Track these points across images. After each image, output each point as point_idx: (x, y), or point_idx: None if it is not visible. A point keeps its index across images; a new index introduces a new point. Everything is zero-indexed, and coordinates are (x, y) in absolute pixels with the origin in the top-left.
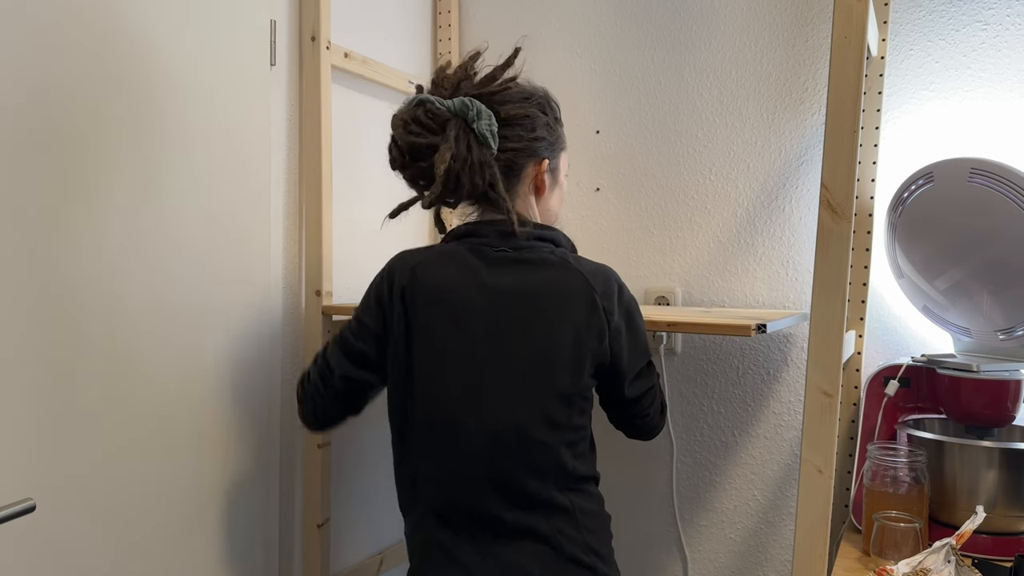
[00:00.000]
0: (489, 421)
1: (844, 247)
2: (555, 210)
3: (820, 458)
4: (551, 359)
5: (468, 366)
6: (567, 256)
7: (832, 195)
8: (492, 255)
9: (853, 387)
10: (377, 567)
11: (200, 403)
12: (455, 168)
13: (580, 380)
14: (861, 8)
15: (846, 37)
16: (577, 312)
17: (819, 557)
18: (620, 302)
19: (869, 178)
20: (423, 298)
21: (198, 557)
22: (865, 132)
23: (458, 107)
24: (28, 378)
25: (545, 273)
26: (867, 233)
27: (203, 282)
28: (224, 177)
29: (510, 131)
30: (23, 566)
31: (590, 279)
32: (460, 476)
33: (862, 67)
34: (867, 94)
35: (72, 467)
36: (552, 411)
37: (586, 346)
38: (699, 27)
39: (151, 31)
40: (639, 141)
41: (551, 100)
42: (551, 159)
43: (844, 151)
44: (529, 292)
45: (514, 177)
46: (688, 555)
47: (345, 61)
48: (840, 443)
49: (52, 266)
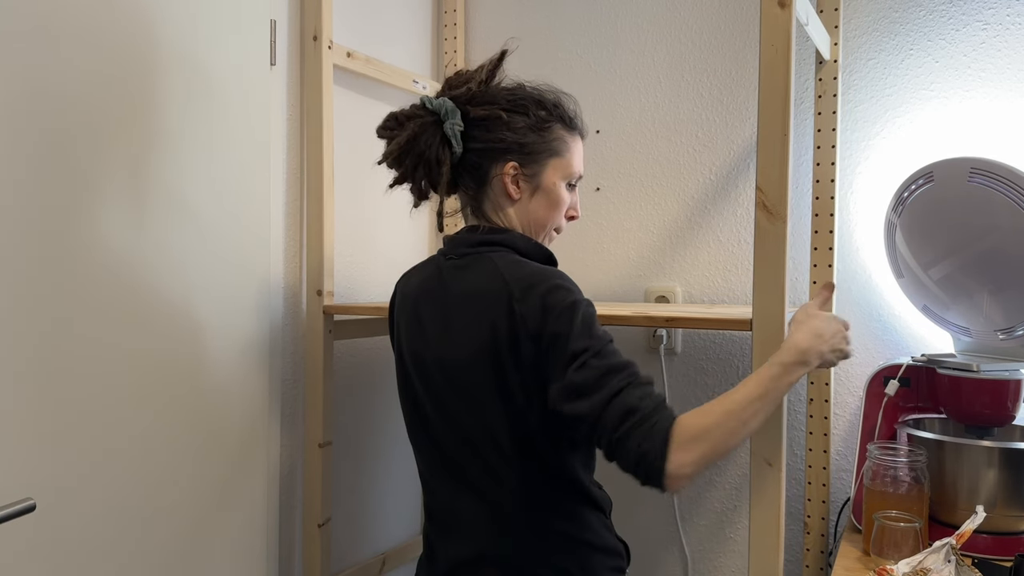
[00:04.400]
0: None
1: (780, 247)
2: (543, 218)
3: (769, 450)
4: (475, 365)
5: (426, 371)
6: (499, 260)
7: (767, 197)
8: (444, 263)
9: (824, 383)
10: (379, 567)
11: (200, 402)
12: (392, 151)
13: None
14: (786, 17)
15: (773, 46)
16: (492, 317)
17: (773, 549)
18: (539, 302)
19: (829, 178)
20: (398, 306)
21: (198, 557)
22: (822, 135)
23: (435, 106)
24: (28, 378)
25: (472, 280)
26: (829, 232)
27: (203, 282)
28: (224, 176)
29: (475, 132)
30: (23, 566)
31: (511, 283)
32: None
33: (789, 74)
34: (822, 97)
35: (72, 467)
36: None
37: (504, 353)
38: (699, 27)
39: (151, 31)
40: (639, 141)
41: (547, 102)
42: (522, 163)
43: (776, 155)
44: (456, 299)
45: (481, 179)
46: (688, 555)
47: (348, 61)
48: (824, 441)
49: (52, 266)
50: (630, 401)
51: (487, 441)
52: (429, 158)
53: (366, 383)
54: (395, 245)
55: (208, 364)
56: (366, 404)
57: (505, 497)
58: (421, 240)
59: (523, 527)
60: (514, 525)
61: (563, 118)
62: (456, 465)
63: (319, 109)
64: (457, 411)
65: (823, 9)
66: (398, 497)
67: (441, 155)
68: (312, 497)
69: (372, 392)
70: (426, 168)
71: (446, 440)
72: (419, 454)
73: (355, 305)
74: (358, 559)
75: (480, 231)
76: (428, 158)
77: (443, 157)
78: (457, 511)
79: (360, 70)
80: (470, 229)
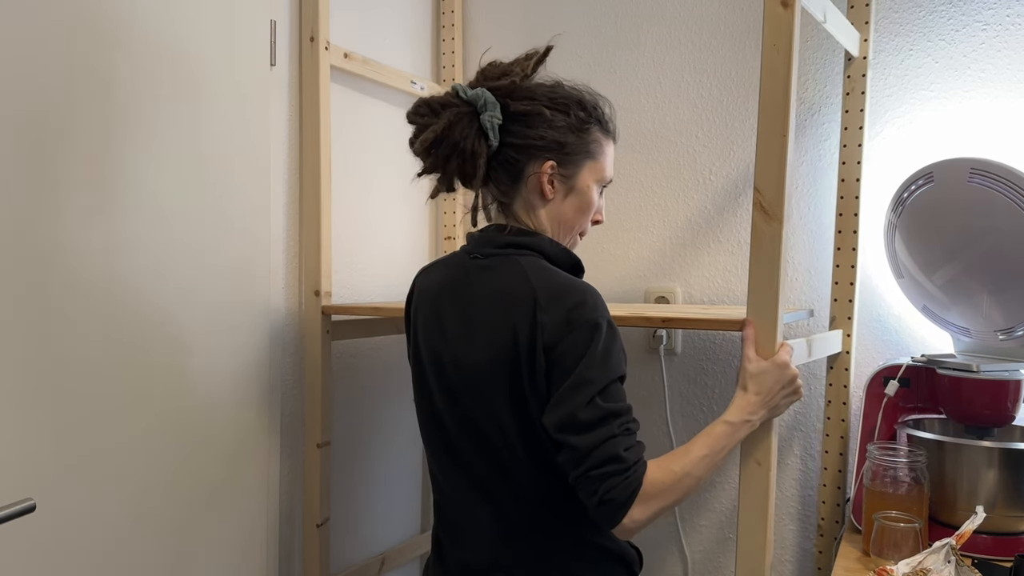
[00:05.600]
0: (465, 425)
1: (776, 248)
2: (572, 220)
3: (760, 451)
4: (492, 368)
5: (443, 370)
6: (527, 264)
7: (764, 197)
8: (469, 262)
9: (843, 386)
10: (379, 567)
11: (200, 402)
12: (428, 139)
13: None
14: (788, 17)
15: (775, 45)
16: (514, 321)
17: (759, 548)
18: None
19: (854, 178)
20: (416, 302)
21: (198, 556)
22: (848, 133)
23: (471, 96)
24: (28, 379)
25: (497, 282)
26: (853, 233)
27: (203, 282)
28: (224, 177)
29: (513, 127)
30: (23, 566)
31: (537, 290)
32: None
33: (791, 74)
34: (850, 95)
35: (72, 467)
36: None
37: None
38: (699, 27)
39: (151, 30)
40: (639, 141)
41: (587, 103)
42: (560, 163)
43: (775, 155)
44: (479, 300)
45: (516, 176)
46: (688, 555)
47: (345, 61)
48: (841, 444)
49: (52, 267)
50: (616, 450)
51: (501, 444)
52: (465, 149)
53: (365, 383)
54: (394, 245)
55: (208, 364)
56: (365, 404)
57: (518, 501)
58: (420, 240)
59: (535, 532)
60: (526, 530)
61: (601, 121)
62: (469, 467)
63: (316, 110)
64: (472, 413)
65: (854, 5)
66: (397, 497)
67: (477, 147)
68: (311, 497)
69: (371, 392)
70: (460, 159)
71: (460, 441)
72: (431, 454)
73: (353, 305)
74: (357, 559)
75: (508, 231)
76: (464, 149)
77: (479, 149)
78: (469, 513)
79: (357, 71)
80: (497, 228)
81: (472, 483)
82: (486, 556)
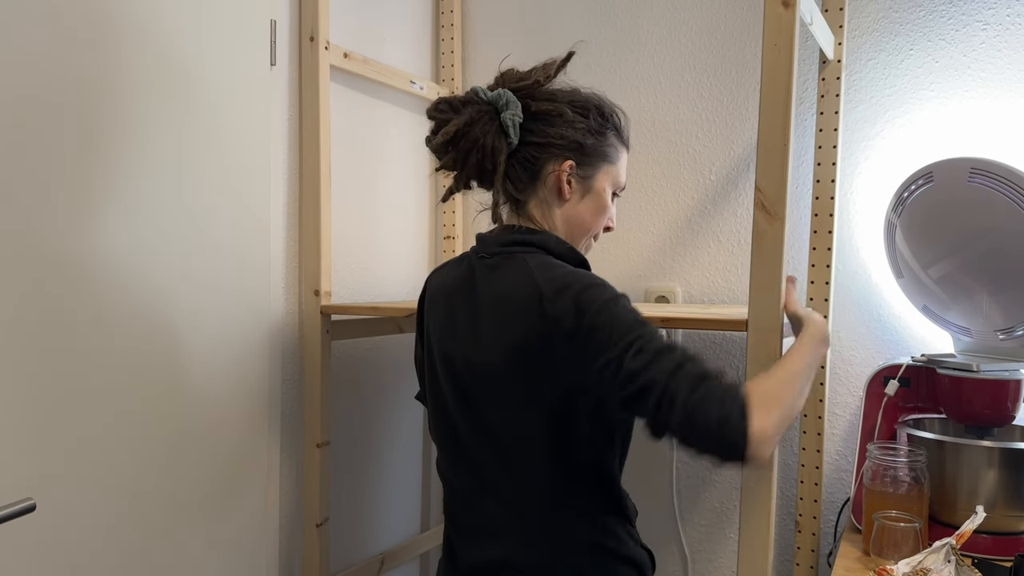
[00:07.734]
0: (476, 425)
1: (778, 247)
2: (587, 222)
3: None
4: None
5: (455, 371)
6: (531, 260)
7: (765, 196)
8: (476, 262)
9: (819, 383)
10: (378, 567)
11: (200, 402)
12: (450, 131)
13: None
14: (789, 17)
15: (776, 45)
16: (522, 319)
17: (762, 548)
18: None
19: (829, 179)
20: (429, 303)
21: (198, 557)
22: (824, 135)
23: (492, 96)
24: (28, 379)
25: (502, 281)
26: (828, 233)
27: (203, 281)
28: (224, 176)
29: (534, 125)
30: (23, 566)
31: (542, 285)
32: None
33: (792, 74)
34: (824, 97)
35: (72, 467)
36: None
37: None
38: (699, 27)
39: (152, 30)
40: (639, 141)
41: (604, 109)
42: (579, 163)
43: (776, 155)
44: (486, 300)
45: (535, 174)
46: (688, 555)
47: (345, 61)
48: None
49: (51, 266)
50: (697, 369)
51: (514, 444)
52: (485, 145)
53: (365, 383)
54: (394, 245)
55: (208, 364)
56: (365, 404)
57: (530, 502)
58: (420, 240)
59: (546, 533)
60: (537, 531)
61: (616, 127)
62: (481, 467)
63: (315, 109)
64: (485, 413)
65: (828, 8)
66: (397, 497)
67: (498, 143)
68: (311, 497)
69: (371, 392)
70: (480, 154)
71: (472, 441)
72: (443, 454)
73: (353, 305)
74: (357, 559)
75: (515, 230)
76: (484, 144)
77: (499, 145)
78: (480, 514)
79: (357, 71)
80: (505, 228)
81: (484, 483)
82: (498, 556)
